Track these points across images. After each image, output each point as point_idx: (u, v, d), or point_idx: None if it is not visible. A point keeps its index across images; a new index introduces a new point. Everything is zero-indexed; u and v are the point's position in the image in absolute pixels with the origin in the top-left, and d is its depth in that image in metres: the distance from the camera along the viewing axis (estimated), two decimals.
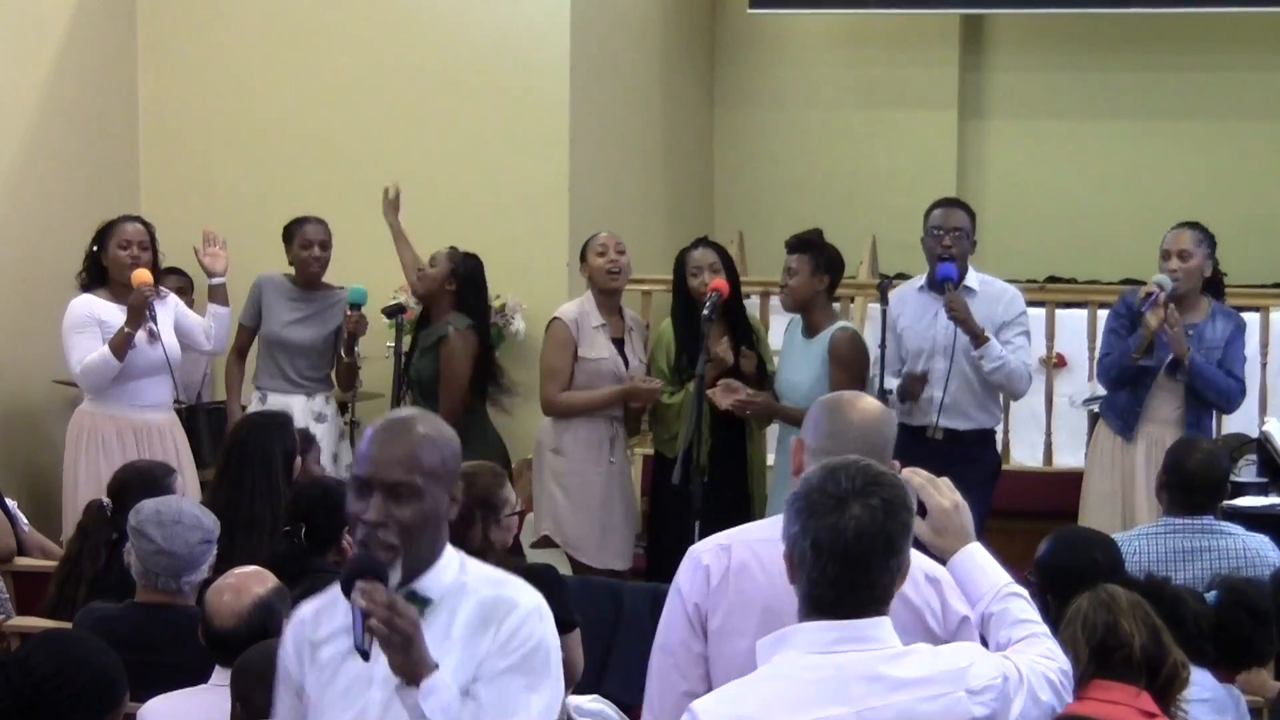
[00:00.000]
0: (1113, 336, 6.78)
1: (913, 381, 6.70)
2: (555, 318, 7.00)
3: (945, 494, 3.23)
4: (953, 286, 6.61)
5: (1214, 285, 6.84)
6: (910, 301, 6.88)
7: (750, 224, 10.26)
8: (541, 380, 7.01)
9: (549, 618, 3.09)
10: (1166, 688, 3.87)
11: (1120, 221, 10.38)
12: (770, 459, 6.97)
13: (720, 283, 6.69)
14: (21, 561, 6.16)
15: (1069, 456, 8.03)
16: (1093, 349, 7.86)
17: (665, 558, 6.27)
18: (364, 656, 2.94)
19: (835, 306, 7.10)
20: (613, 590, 6.35)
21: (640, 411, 7.05)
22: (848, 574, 2.86)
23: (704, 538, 3.73)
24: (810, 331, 6.77)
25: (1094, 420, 7.21)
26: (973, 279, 6.78)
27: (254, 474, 5.59)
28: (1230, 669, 4.50)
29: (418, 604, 3.01)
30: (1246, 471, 7.02)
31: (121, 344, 6.79)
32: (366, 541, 3.02)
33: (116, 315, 6.86)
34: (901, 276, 7.33)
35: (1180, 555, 5.45)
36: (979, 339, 6.61)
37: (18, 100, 8.07)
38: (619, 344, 7.00)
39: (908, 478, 3.17)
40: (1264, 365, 8.08)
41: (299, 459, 5.77)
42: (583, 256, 7.07)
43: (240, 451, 5.66)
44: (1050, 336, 8.08)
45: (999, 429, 7.17)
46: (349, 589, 2.95)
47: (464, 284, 7.29)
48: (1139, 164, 10.62)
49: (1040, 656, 3.08)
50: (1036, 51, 10.82)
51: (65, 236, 7.05)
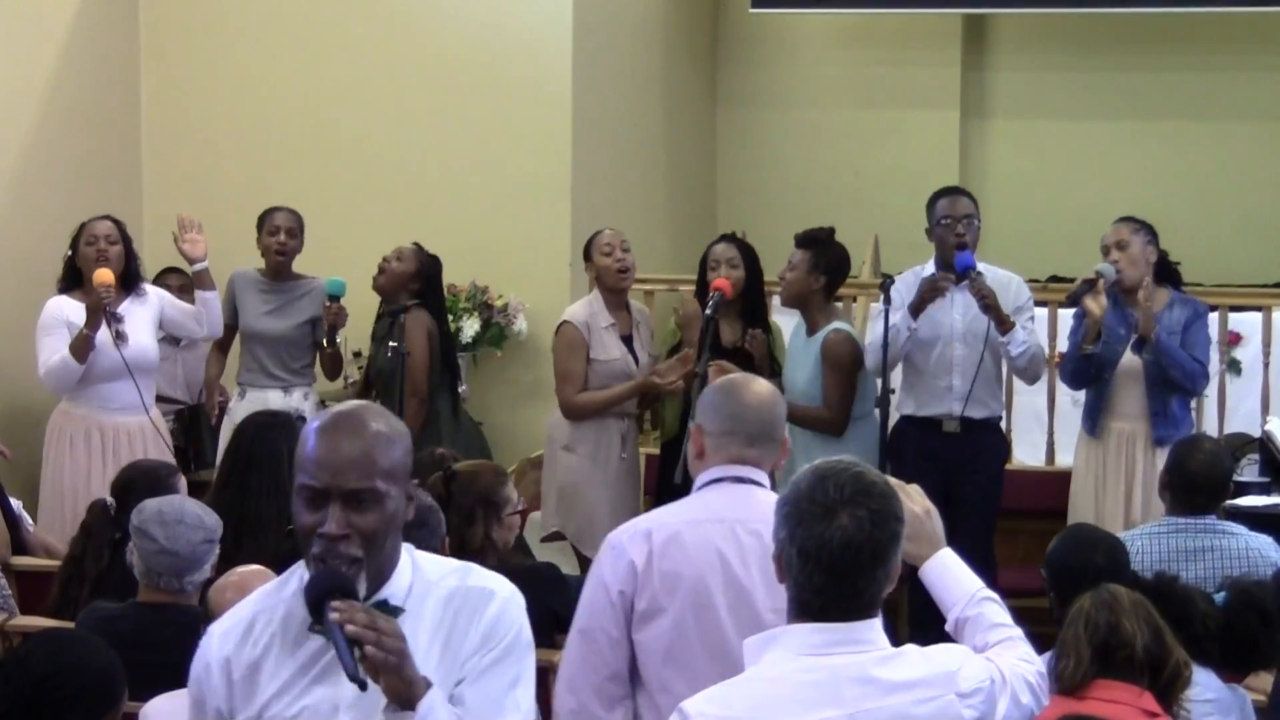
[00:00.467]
0: (1074, 338, 6.80)
1: (931, 290, 6.57)
2: (565, 321, 6.96)
3: (917, 500, 3.20)
4: (976, 274, 6.59)
5: (1170, 275, 6.82)
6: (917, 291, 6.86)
7: (752, 223, 10.23)
8: (557, 384, 6.99)
9: (523, 603, 2.90)
10: (1169, 687, 3.88)
11: None
12: None
13: (722, 282, 6.70)
14: (25, 561, 6.16)
15: (1070, 456, 8.01)
16: None
17: None
18: (361, 686, 2.66)
19: (837, 306, 7.09)
20: None
21: (654, 401, 7.04)
22: (834, 583, 2.85)
23: None
24: (810, 331, 6.78)
25: None
26: (979, 267, 6.76)
27: (261, 474, 5.59)
28: (1236, 671, 4.50)
29: (390, 614, 2.76)
30: (1249, 471, 7.03)
31: (81, 346, 6.73)
32: (325, 556, 2.74)
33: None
34: None
35: (1183, 555, 5.45)
36: (1006, 324, 6.59)
37: (20, 101, 8.08)
38: (629, 341, 7.00)
39: None
40: (1265, 365, 8.07)
41: None
42: (587, 256, 7.02)
43: (248, 451, 5.67)
44: (1052, 336, 8.07)
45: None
46: (318, 610, 2.70)
47: (426, 283, 7.34)
48: (1141, 163, 10.61)
49: (1018, 659, 3.09)
50: (1039, 51, 10.82)
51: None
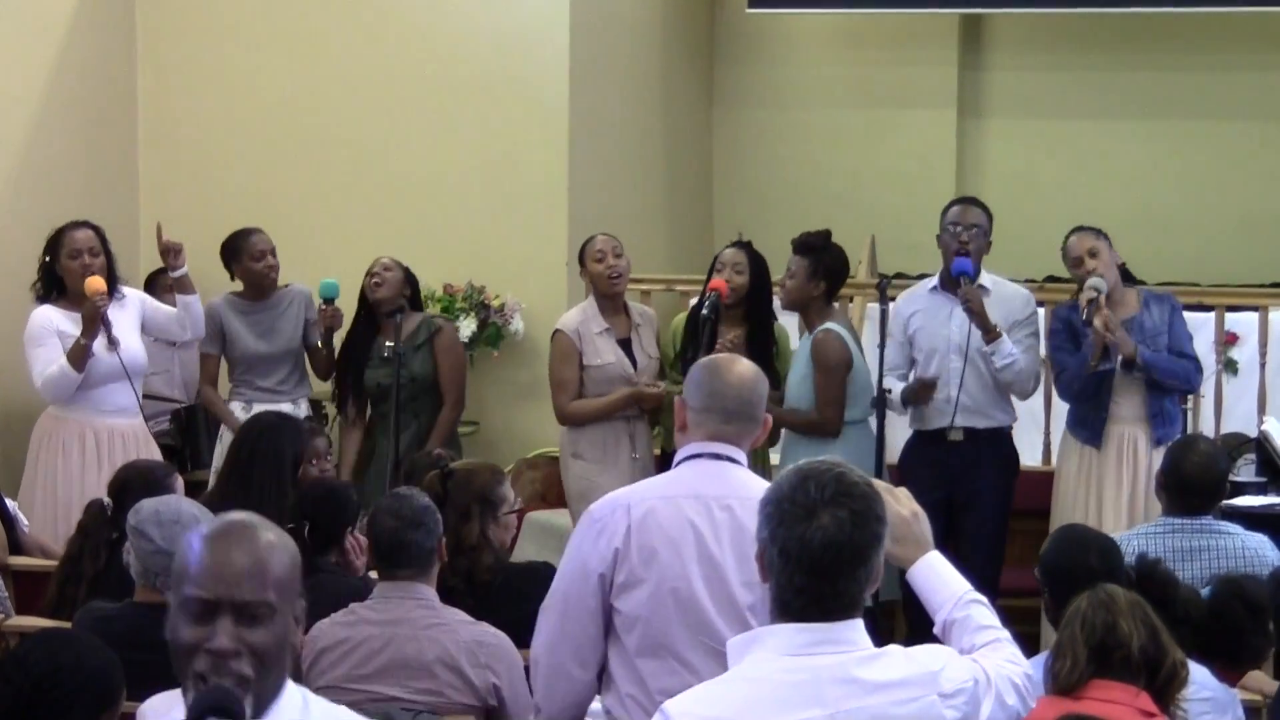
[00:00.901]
0: (1060, 354, 6.79)
1: (923, 389, 6.69)
2: (557, 330, 7.02)
3: (904, 503, 3.19)
4: (968, 281, 6.61)
5: (1126, 274, 6.87)
6: (922, 302, 6.89)
7: (749, 224, 10.19)
8: (552, 393, 7.05)
9: None
10: (1166, 687, 3.88)
11: (1120, 221, 10.28)
12: (775, 458, 6.97)
13: (718, 282, 6.72)
14: (22, 561, 6.16)
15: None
16: None
17: None
18: None
19: (835, 306, 7.10)
20: None
21: (655, 409, 7.05)
22: (814, 584, 2.85)
23: None
24: (808, 331, 6.82)
25: None
26: (986, 279, 6.81)
27: (265, 474, 5.60)
28: (1227, 665, 4.50)
29: None
30: (1245, 471, 7.02)
31: (79, 355, 6.75)
32: (210, 674, 2.53)
33: (75, 326, 6.82)
34: (901, 276, 7.33)
35: (1179, 555, 5.45)
36: (991, 334, 6.61)
37: (17, 100, 8.07)
38: (626, 344, 7.01)
39: None
40: (1263, 365, 8.07)
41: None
42: (581, 261, 7.08)
43: (251, 451, 5.68)
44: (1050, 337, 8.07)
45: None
46: None
47: (414, 288, 7.42)
48: (1139, 164, 10.60)
49: (1005, 661, 3.08)
50: (1036, 51, 10.81)
51: None
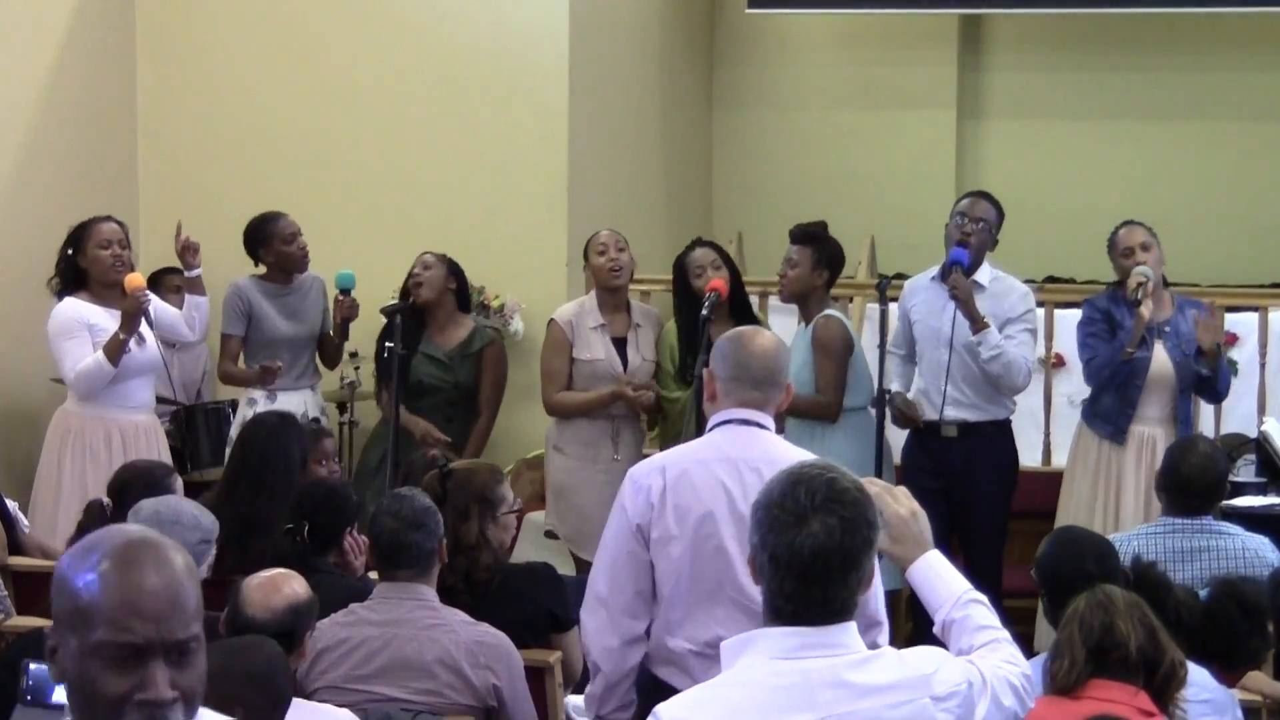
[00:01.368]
0: (1093, 340, 6.77)
1: (905, 420, 6.73)
2: (551, 319, 7.07)
3: (903, 502, 3.19)
4: (960, 271, 6.62)
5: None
6: (922, 293, 6.91)
7: (749, 224, 10.25)
8: (541, 381, 7.07)
9: None
10: (1164, 687, 3.89)
11: (1119, 222, 10.37)
12: None
13: (718, 282, 6.72)
14: (21, 561, 6.15)
15: (1067, 456, 8.02)
16: None
17: None
18: None
19: (833, 300, 7.11)
20: None
21: (648, 410, 7.04)
22: (805, 590, 2.84)
23: None
24: (805, 322, 6.87)
25: None
26: (984, 274, 6.79)
27: (274, 474, 5.60)
28: (1224, 666, 4.50)
29: None
30: (1245, 471, 7.03)
31: (116, 349, 6.75)
32: None
33: (103, 318, 6.82)
34: (900, 277, 7.32)
35: (1179, 555, 5.45)
36: (979, 324, 6.61)
37: (16, 101, 8.07)
38: (621, 343, 7.02)
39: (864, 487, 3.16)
40: (1263, 365, 8.07)
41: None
42: (585, 255, 7.11)
43: (260, 450, 5.68)
44: (1049, 336, 8.07)
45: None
46: None
47: (460, 281, 7.41)
48: (1138, 164, 10.60)
49: (1003, 662, 3.07)
50: (1036, 51, 10.81)
51: (64, 237, 7.04)
